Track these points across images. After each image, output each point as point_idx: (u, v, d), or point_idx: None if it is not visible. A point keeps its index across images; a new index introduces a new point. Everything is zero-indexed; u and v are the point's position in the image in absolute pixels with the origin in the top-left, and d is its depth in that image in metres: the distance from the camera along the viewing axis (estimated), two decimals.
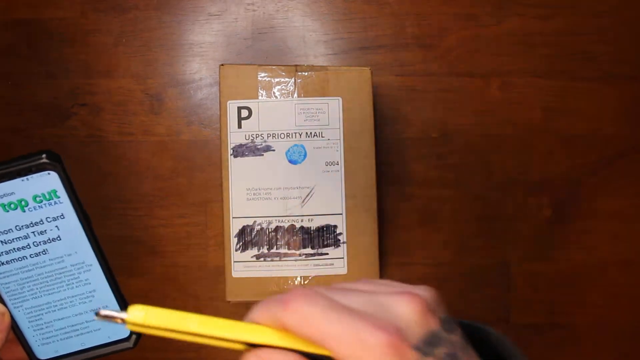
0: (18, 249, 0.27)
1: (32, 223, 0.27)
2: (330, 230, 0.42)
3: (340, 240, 0.42)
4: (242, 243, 0.42)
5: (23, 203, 0.26)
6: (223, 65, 0.42)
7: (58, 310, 0.29)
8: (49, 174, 0.26)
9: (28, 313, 0.29)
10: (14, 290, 0.28)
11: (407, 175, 0.53)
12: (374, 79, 0.43)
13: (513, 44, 0.53)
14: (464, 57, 0.53)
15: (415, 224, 0.53)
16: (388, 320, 0.19)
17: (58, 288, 0.29)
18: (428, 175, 0.53)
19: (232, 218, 0.42)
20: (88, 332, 0.30)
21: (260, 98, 0.42)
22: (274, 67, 0.42)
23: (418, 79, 0.53)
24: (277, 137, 0.42)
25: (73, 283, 0.29)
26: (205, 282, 0.52)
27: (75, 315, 0.29)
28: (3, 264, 0.28)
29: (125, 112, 0.53)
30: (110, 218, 0.53)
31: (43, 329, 0.29)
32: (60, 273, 0.28)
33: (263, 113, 0.42)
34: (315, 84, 0.42)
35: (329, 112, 0.42)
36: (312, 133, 0.42)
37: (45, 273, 0.28)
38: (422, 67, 0.53)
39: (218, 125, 0.47)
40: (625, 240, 0.53)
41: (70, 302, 0.29)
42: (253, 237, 0.42)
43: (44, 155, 0.25)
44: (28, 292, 0.28)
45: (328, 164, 0.42)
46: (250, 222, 0.42)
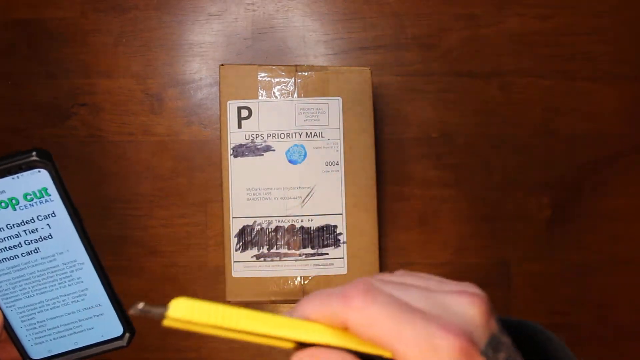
0: (9, 248, 0.27)
1: (23, 221, 0.27)
2: (330, 230, 0.42)
3: (340, 240, 0.42)
4: (242, 243, 0.42)
5: (14, 201, 0.26)
6: (223, 65, 0.42)
7: (51, 309, 0.29)
8: (40, 172, 0.26)
9: (20, 312, 0.29)
10: (6, 290, 0.28)
11: (407, 175, 0.53)
12: (374, 79, 0.43)
13: (513, 44, 0.53)
14: (464, 57, 0.53)
15: (415, 224, 0.53)
16: (456, 323, 0.18)
17: (50, 287, 0.28)
18: (428, 175, 0.53)
19: (232, 218, 0.42)
20: (81, 331, 0.29)
21: (260, 98, 0.42)
22: (274, 67, 0.42)
23: (418, 79, 0.53)
24: (277, 137, 0.42)
25: (65, 281, 0.28)
26: (205, 282, 0.52)
27: (68, 314, 0.29)
28: None
29: (125, 112, 0.53)
30: (110, 218, 0.53)
31: (36, 328, 0.29)
32: (52, 272, 0.28)
33: (263, 113, 0.42)
34: (315, 84, 0.42)
35: (329, 112, 0.42)
36: (312, 133, 0.42)
37: (37, 272, 0.28)
38: (422, 67, 0.53)
39: (218, 125, 0.47)
40: (625, 240, 0.53)
41: (63, 300, 0.29)
42: (253, 237, 0.42)
43: (34, 153, 0.25)
44: (20, 291, 0.28)
45: (328, 164, 0.42)
46: (250, 222, 0.42)
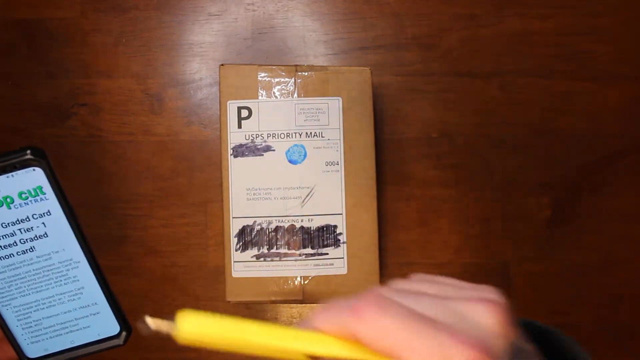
0: (5, 247, 0.27)
1: (18, 220, 0.27)
2: (330, 230, 0.42)
3: (340, 240, 0.42)
4: (242, 243, 0.42)
5: (8, 200, 0.26)
6: (223, 65, 0.42)
7: (47, 308, 0.29)
8: (34, 170, 0.26)
9: (16, 311, 0.28)
10: (2, 289, 0.28)
11: (407, 175, 0.53)
12: (374, 79, 0.43)
13: (513, 44, 0.53)
14: (464, 57, 0.53)
15: (415, 224, 0.53)
16: (471, 334, 0.18)
17: (46, 285, 0.28)
18: (428, 175, 0.53)
19: (232, 218, 0.42)
20: (77, 329, 0.29)
21: (260, 98, 0.42)
22: (274, 67, 0.42)
23: (418, 79, 0.53)
24: (277, 137, 0.42)
25: (61, 280, 0.28)
26: (205, 282, 0.52)
27: (64, 313, 0.29)
28: None
29: (125, 112, 0.53)
30: (110, 218, 0.53)
31: (32, 327, 0.29)
32: (48, 270, 0.28)
33: (263, 113, 0.42)
34: (315, 84, 0.42)
35: (329, 112, 0.42)
36: (312, 133, 0.42)
37: (33, 270, 0.28)
38: (422, 67, 0.53)
39: (218, 125, 0.47)
40: (625, 240, 0.53)
41: (59, 299, 0.29)
42: (253, 237, 0.42)
43: (29, 151, 0.25)
44: (16, 290, 0.28)
45: (328, 164, 0.42)
46: (250, 222, 0.42)
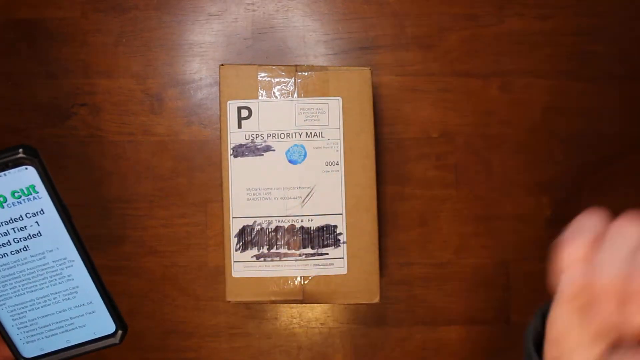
0: None
1: (11, 219, 0.26)
2: (330, 230, 0.42)
3: (340, 240, 0.42)
4: (242, 243, 0.42)
5: (1, 199, 0.26)
6: (223, 65, 0.42)
7: (42, 308, 0.29)
8: (27, 169, 0.25)
9: (11, 311, 0.28)
10: None
11: (407, 175, 0.53)
12: (374, 79, 0.43)
13: (513, 44, 0.53)
14: (464, 57, 0.53)
15: (415, 224, 0.53)
16: None
17: (41, 285, 0.28)
18: (428, 175, 0.53)
19: (232, 218, 0.42)
20: (73, 328, 0.29)
21: (260, 98, 0.42)
22: (274, 67, 0.42)
23: (418, 79, 0.53)
24: (277, 137, 0.42)
25: (56, 279, 0.28)
26: (205, 282, 0.52)
27: (60, 312, 0.29)
28: None
29: (125, 112, 0.53)
30: (110, 218, 0.53)
31: (27, 327, 0.29)
32: (42, 269, 0.28)
33: (263, 113, 0.42)
34: (315, 84, 0.42)
35: (329, 112, 0.42)
36: (312, 133, 0.42)
37: (27, 270, 0.28)
38: (422, 67, 0.53)
39: (218, 125, 0.47)
40: None
41: (54, 298, 0.29)
42: (253, 237, 0.42)
43: (21, 150, 0.25)
44: (10, 289, 0.28)
45: (328, 164, 0.42)
46: (250, 222, 0.42)
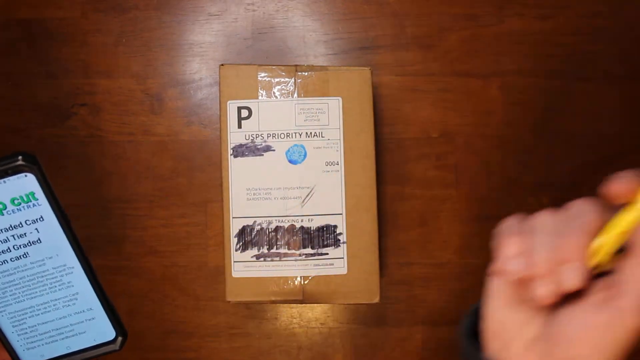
0: None
1: (11, 226, 0.27)
2: (330, 230, 0.42)
3: (340, 240, 0.42)
4: (242, 243, 0.42)
5: (1, 206, 0.26)
6: (223, 65, 0.42)
7: (42, 314, 0.29)
8: (26, 176, 0.26)
9: (11, 318, 0.28)
10: None
11: (407, 175, 0.53)
12: (374, 79, 0.43)
13: (513, 44, 0.53)
14: (464, 57, 0.53)
15: (415, 224, 0.53)
16: None
17: (41, 291, 0.28)
18: (428, 175, 0.53)
19: (232, 218, 0.42)
20: (73, 335, 0.29)
21: (260, 98, 0.42)
22: (274, 67, 0.42)
23: (418, 79, 0.53)
24: (277, 137, 0.42)
25: (55, 286, 0.28)
26: (205, 282, 0.52)
27: (60, 319, 0.29)
28: None
29: (125, 112, 0.53)
30: (110, 218, 0.53)
31: (27, 334, 0.29)
32: (42, 276, 0.28)
33: (263, 113, 0.42)
34: (315, 84, 0.42)
35: (329, 112, 0.42)
36: (312, 133, 0.42)
37: (27, 277, 0.28)
38: (422, 67, 0.53)
39: (218, 125, 0.47)
40: None
41: (54, 305, 0.29)
42: (253, 237, 0.42)
43: (20, 157, 0.25)
44: (10, 296, 0.28)
45: (328, 164, 0.42)
46: (250, 222, 0.42)
